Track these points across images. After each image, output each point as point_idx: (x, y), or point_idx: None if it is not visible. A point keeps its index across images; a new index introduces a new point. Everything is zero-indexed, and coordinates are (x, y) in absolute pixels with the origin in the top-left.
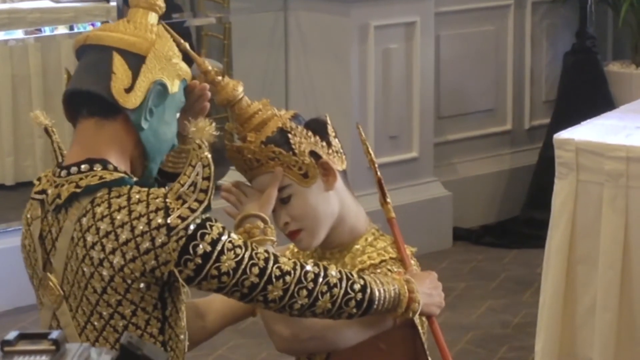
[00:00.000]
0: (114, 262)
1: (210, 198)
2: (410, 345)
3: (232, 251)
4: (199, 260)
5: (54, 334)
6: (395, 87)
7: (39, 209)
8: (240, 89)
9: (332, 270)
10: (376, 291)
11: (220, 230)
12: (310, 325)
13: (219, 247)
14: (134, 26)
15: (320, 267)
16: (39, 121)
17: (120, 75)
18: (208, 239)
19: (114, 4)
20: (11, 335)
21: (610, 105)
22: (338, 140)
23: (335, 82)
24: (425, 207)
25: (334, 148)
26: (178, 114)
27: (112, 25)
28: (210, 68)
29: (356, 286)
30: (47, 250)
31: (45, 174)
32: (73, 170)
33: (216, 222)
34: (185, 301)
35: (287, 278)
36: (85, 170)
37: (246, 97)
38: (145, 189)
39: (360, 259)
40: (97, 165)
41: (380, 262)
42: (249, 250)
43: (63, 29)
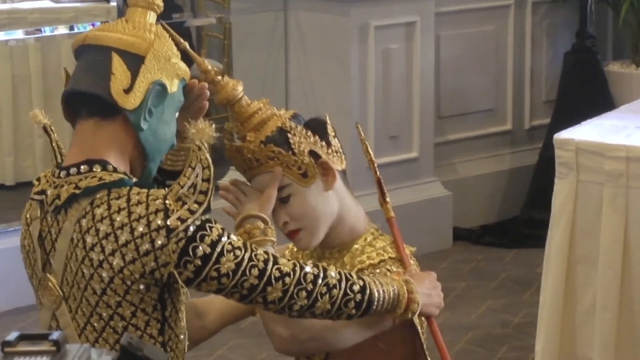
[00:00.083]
0: (113, 264)
1: (210, 200)
2: (410, 345)
3: (232, 253)
4: (198, 262)
5: (55, 335)
6: (395, 87)
7: (38, 210)
8: (240, 88)
9: (332, 271)
10: (375, 292)
11: (220, 231)
12: (310, 326)
13: (218, 249)
14: (133, 26)
15: (320, 268)
16: (37, 120)
17: (119, 75)
18: (207, 240)
19: (114, 4)
20: (12, 336)
21: (610, 105)
22: (338, 140)
23: (336, 82)
24: (426, 207)
25: (333, 148)
26: (177, 114)
27: (111, 25)
28: (209, 67)
29: (355, 287)
30: (47, 250)
31: (44, 174)
32: (72, 171)
33: (216, 224)
34: (184, 301)
35: (287, 279)
36: (85, 171)
37: (246, 97)
38: (144, 190)
39: (359, 259)
40: (97, 166)
41: (380, 262)
42: (249, 251)
43: (63, 29)
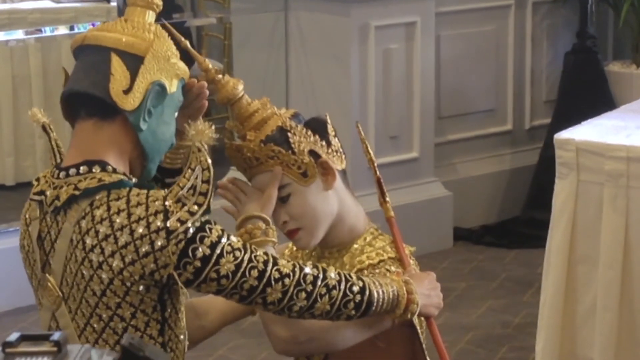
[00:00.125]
0: (113, 265)
1: (210, 201)
2: (409, 344)
3: (232, 254)
4: (198, 264)
5: (56, 336)
6: (395, 87)
7: (37, 210)
8: (241, 87)
9: (331, 272)
10: (375, 293)
11: (220, 233)
12: (309, 326)
13: (218, 250)
14: (132, 26)
15: (320, 269)
16: (36, 119)
17: (118, 76)
18: (207, 242)
19: (114, 4)
20: (13, 337)
21: (610, 105)
22: (338, 139)
23: (336, 83)
24: (426, 207)
25: (333, 147)
26: (176, 114)
27: (110, 24)
28: (210, 66)
29: (355, 288)
30: (46, 251)
31: (43, 175)
32: (72, 171)
33: (215, 225)
34: (184, 302)
35: (286, 280)
36: (84, 172)
37: (246, 96)
38: (144, 191)
39: (358, 259)
40: (96, 166)
41: (379, 262)
42: (248, 252)
43: (63, 30)
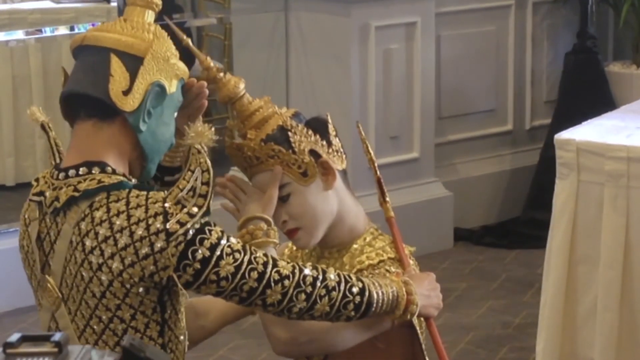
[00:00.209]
0: (112, 267)
1: (209, 203)
2: (409, 345)
3: (231, 256)
4: (197, 266)
5: (57, 336)
6: (395, 88)
7: (36, 211)
8: (242, 86)
9: (331, 273)
10: (374, 294)
11: (219, 234)
12: (309, 328)
13: (217, 252)
14: (131, 26)
15: (319, 271)
16: (35, 117)
17: (118, 77)
18: (207, 244)
19: (114, 4)
20: (14, 337)
21: (611, 105)
22: (339, 139)
23: (336, 83)
24: (426, 208)
25: (334, 147)
26: (176, 114)
27: (109, 25)
28: (212, 64)
29: (354, 289)
30: (46, 252)
31: (43, 175)
32: (71, 173)
33: (215, 227)
34: (184, 303)
35: (286, 282)
36: (84, 173)
37: (247, 95)
38: (143, 192)
39: (358, 259)
40: (95, 168)
41: (379, 263)
42: (248, 254)
43: (63, 30)
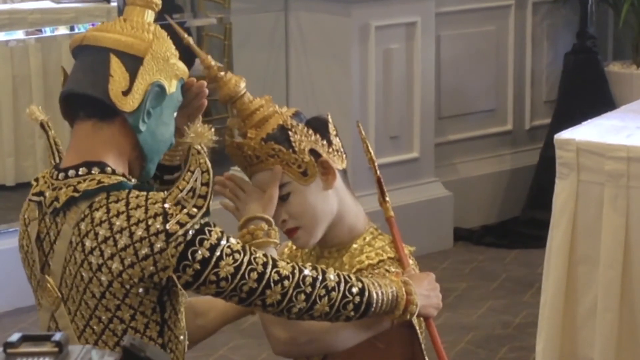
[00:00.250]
0: (112, 268)
1: (209, 204)
2: (408, 345)
3: (231, 256)
4: (197, 266)
5: (57, 336)
6: (395, 88)
7: (36, 211)
8: (243, 85)
9: (331, 274)
10: (374, 294)
11: (219, 235)
12: (308, 328)
13: (217, 253)
14: (131, 26)
15: (319, 271)
16: (34, 116)
17: (117, 78)
18: (207, 244)
19: (114, 4)
20: (14, 337)
21: (610, 105)
22: (339, 139)
23: (336, 83)
24: (426, 208)
25: (334, 147)
26: (175, 113)
27: (109, 24)
28: (213, 63)
29: (354, 289)
30: (45, 252)
31: (42, 175)
32: (71, 173)
33: (215, 227)
34: (183, 302)
35: (286, 283)
36: (83, 173)
37: (248, 94)
38: (143, 193)
39: (358, 259)
40: (95, 168)
41: (379, 263)
42: (248, 255)
43: (64, 30)
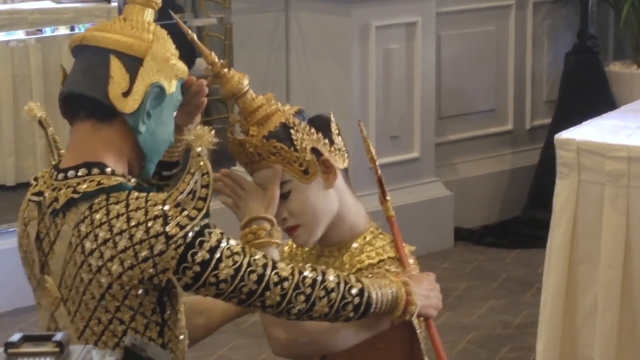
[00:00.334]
0: (112, 270)
1: (209, 206)
2: (408, 344)
3: (231, 258)
4: (197, 268)
5: (58, 336)
6: (396, 87)
7: (35, 211)
8: (246, 82)
9: (330, 274)
10: (373, 295)
11: (219, 237)
12: (308, 328)
13: (217, 255)
14: (131, 26)
15: (318, 272)
16: (33, 114)
17: (117, 79)
18: (206, 246)
19: (114, 4)
20: (15, 337)
21: (611, 105)
22: (341, 138)
23: (336, 83)
24: (427, 207)
25: (336, 146)
26: (175, 113)
27: (109, 24)
28: (216, 60)
29: (353, 290)
30: (45, 252)
31: (42, 175)
32: (70, 174)
33: (215, 229)
34: (185, 302)
35: (285, 284)
36: (83, 174)
37: (251, 91)
38: (143, 194)
39: (358, 259)
40: (95, 169)
41: (379, 262)
42: (247, 256)
43: (64, 30)
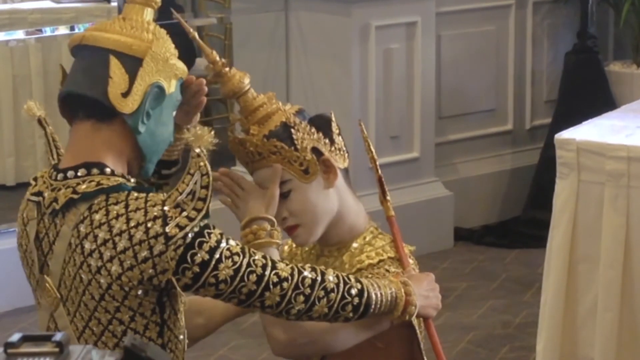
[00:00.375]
0: (111, 270)
1: (209, 206)
2: (408, 344)
3: (230, 259)
4: (196, 269)
5: (58, 336)
6: (396, 87)
7: (35, 211)
8: (247, 81)
9: (330, 275)
10: (373, 295)
11: (218, 237)
12: (308, 329)
13: (217, 256)
14: (131, 25)
15: (318, 272)
16: (32, 113)
17: (117, 79)
18: (206, 247)
19: (114, 4)
20: (15, 337)
21: (611, 105)
22: (342, 138)
23: (336, 83)
24: (427, 207)
25: (336, 145)
26: (174, 112)
27: (108, 24)
28: (217, 58)
29: (353, 291)
30: (44, 252)
31: (41, 175)
32: (70, 174)
33: (214, 230)
34: (184, 302)
35: (285, 284)
36: (82, 174)
37: (252, 90)
38: (143, 195)
39: (358, 259)
40: (94, 169)
41: (379, 262)
42: (247, 257)
43: (64, 30)
